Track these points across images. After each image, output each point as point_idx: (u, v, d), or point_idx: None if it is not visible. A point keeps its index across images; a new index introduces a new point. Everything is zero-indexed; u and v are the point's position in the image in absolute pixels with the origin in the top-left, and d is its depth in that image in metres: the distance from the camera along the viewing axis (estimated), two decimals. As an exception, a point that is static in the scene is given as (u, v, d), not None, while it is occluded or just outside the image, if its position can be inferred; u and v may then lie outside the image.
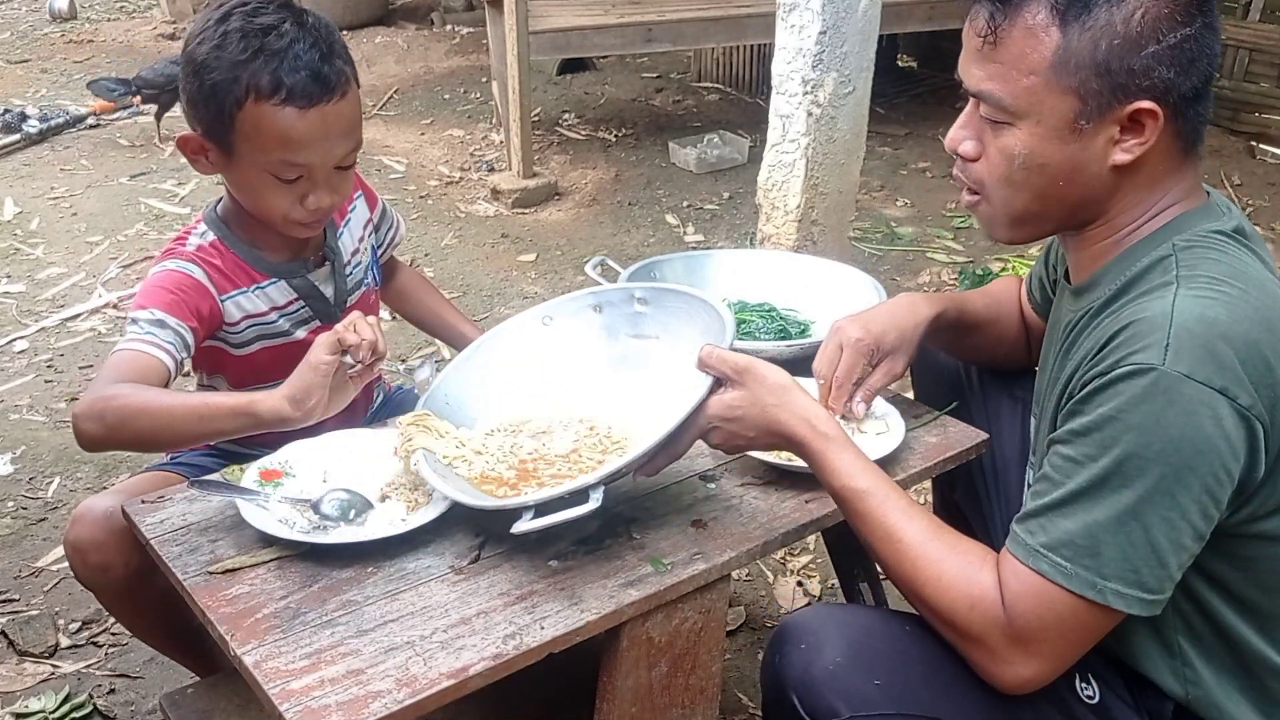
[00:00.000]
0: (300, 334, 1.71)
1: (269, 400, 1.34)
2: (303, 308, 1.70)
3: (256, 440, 1.55)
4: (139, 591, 1.59)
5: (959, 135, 1.31)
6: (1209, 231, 1.23)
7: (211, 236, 1.64)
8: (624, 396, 1.55)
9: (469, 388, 1.59)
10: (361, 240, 1.80)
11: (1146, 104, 1.17)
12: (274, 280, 1.67)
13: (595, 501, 1.28)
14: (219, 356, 1.68)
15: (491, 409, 1.58)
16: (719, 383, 1.37)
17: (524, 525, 1.28)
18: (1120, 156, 1.21)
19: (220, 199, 1.69)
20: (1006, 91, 1.22)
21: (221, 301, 1.61)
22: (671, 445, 1.36)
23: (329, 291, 1.73)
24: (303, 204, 1.55)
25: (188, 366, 1.58)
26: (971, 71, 1.25)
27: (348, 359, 1.39)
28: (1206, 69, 1.20)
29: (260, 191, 1.56)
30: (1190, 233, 1.23)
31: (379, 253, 1.90)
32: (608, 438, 1.51)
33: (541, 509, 1.29)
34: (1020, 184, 1.26)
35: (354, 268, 1.78)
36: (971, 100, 1.28)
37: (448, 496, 1.37)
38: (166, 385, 1.49)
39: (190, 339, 1.54)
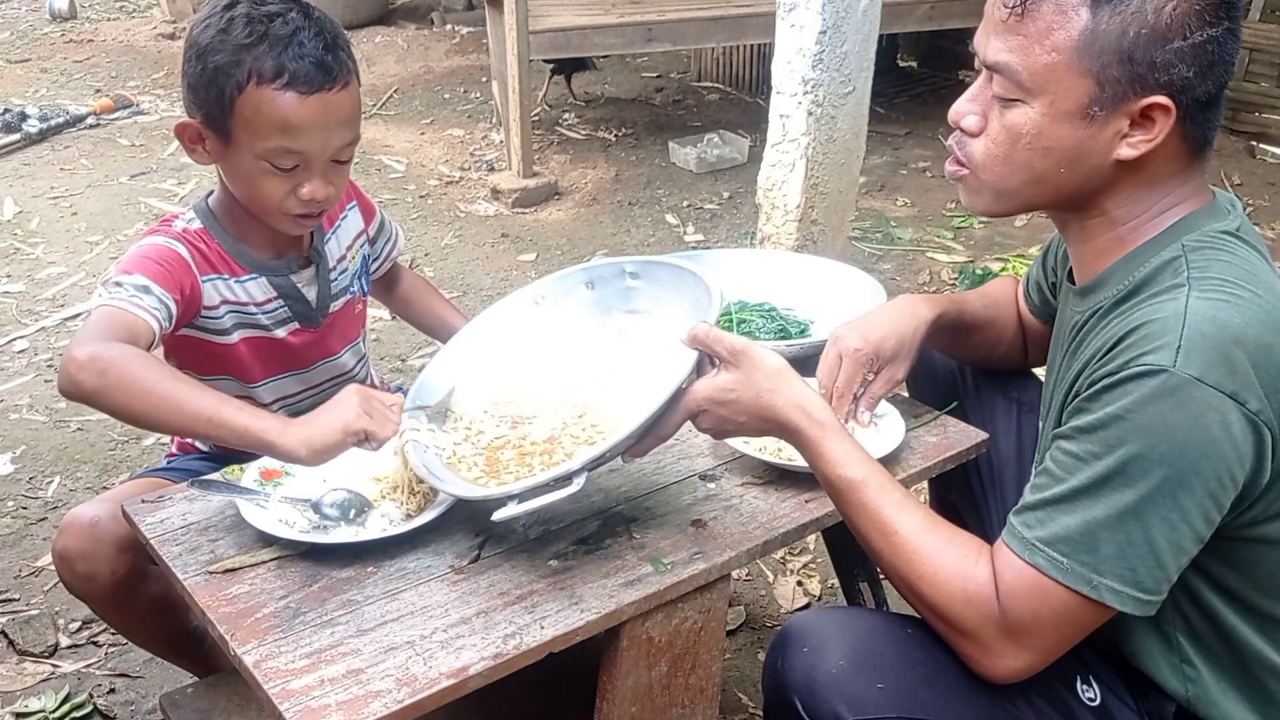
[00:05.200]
0: (279, 333, 1.69)
1: (286, 440, 1.29)
2: (282, 307, 1.68)
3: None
4: (128, 599, 1.59)
5: (964, 109, 1.28)
6: (1218, 232, 1.22)
7: (198, 224, 1.63)
8: (616, 375, 1.53)
9: (461, 372, 1.57)
10: (350, 249, 1.79)
11: (1162, 99, 1.16)
12: (255, 276, 1.65)
13: (577, 485, 1.26)
14: (200, 348, 1.65)
15: (483, 393, 1.56)
16: (704, 361, 1.35)
17: (505, 512, 1.27)
18: (1126, 151, 1.20)
19: (211, 191, 1.68)
20: (1025, 66, 1.19)
21: (202, 282, 1.59)
22: (658, 427, 1.33)
23: (311, 294, 1.71)
24: (297, 194, 1.54)
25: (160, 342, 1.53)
26: (991, 43, 1.22)
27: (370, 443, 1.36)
28: (1223, 75, 1.19)
29: (256, 180, 1.54)
30: (1199, 233, 1.22)
31: (376, 265, 1.89)
32: (594, 426, 1.48)
33: (526, 496, 1.28)
34: (1020, 164, 1.24)
35: (339, 274, 1.76)
36: (983, 75, 1.26)
37: (435, 485, 1.37)
38: (150, 349, 1.46)
39: (173, 310, 1.52)
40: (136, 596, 1.58)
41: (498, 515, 1.27)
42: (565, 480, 1.28)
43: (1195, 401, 1.09)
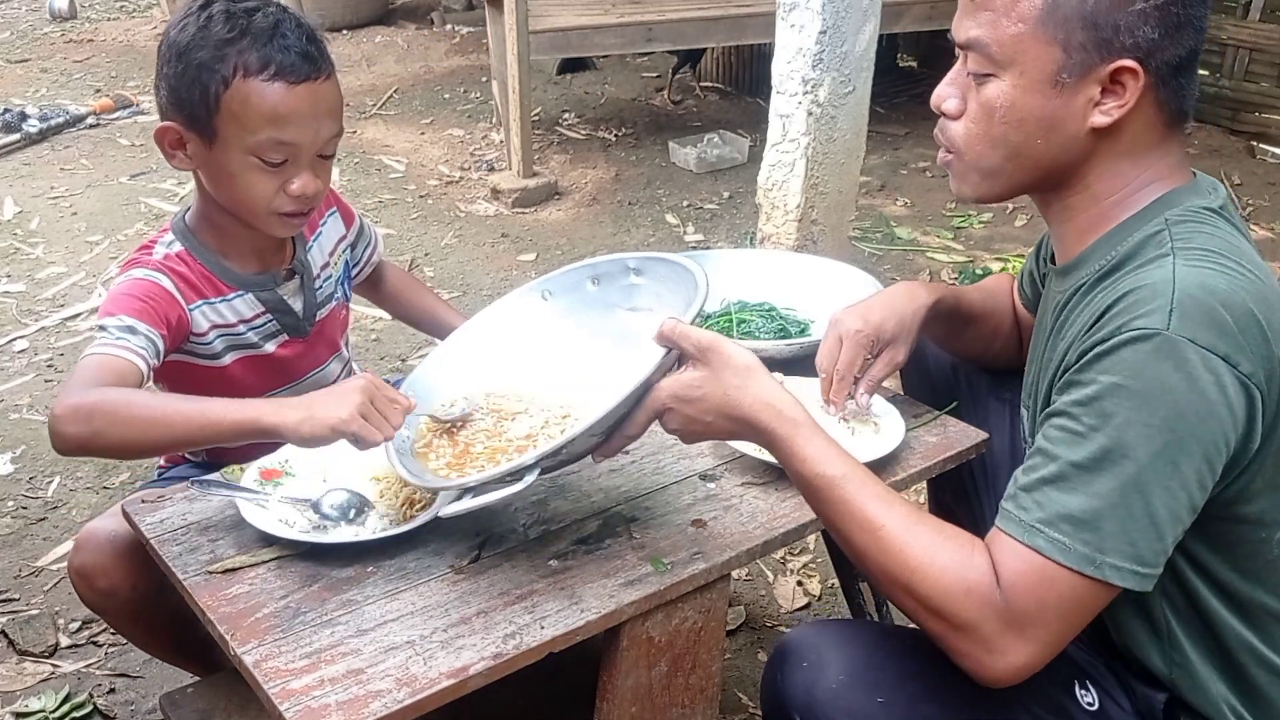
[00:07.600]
0: (269, 348, 1.68)
1: (283, 417, 1.29)
2: (270, 321, 1.67)
3: (249, 452, 1.53)
4: (148, 612, 1.58)
5: (944, 92, 1.32)
6: (1200, 208, 1.23)
7: (178, 247, 1.61)
8: (607, 375, 1.50)
9: (462, 365, 1.57)
10: (332, 255, 1.79)
11: (1129, 63, 1.17)
12: (241, 293, 1.63)
13: (524, 483, 1.24)
14: (188, 372, 1.63)
15: (480, 386, 1.55)
16: (672, 359, 1.30)
17: (452, 508, 1.26)
18: (1099, 119, 1.21)
19: (188, 208, 1.66)
20: (994, 39, 1.22)
21: (189, 311, 1.57)
22: (625, 426, 1.29)
23: (298, 305, 1.70)
24: (287, 190, 1.52)
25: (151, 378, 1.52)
26: (963, 23, 1.27)
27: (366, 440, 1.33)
28: (1193, 41, 1.20)
29: (243, 179, 1.52)
30: (1182, 208, 1.23)
31: (357, 270, 1.89)
32: (567, 419, 1.47)
33: (479, 490, 1.26)
34: (998, 139, 1.26)
35: (324, 281, 1.76)
36: (960, 58, 1.29)
37: (396, 470, 1.36)
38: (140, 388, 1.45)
39: (161, 346, 1.50)
40: (156, 608, 1.57)
41: (445, 510, 1.26)
42: (517, 475, 1.25)
43: (1191, 363, 1.08)
